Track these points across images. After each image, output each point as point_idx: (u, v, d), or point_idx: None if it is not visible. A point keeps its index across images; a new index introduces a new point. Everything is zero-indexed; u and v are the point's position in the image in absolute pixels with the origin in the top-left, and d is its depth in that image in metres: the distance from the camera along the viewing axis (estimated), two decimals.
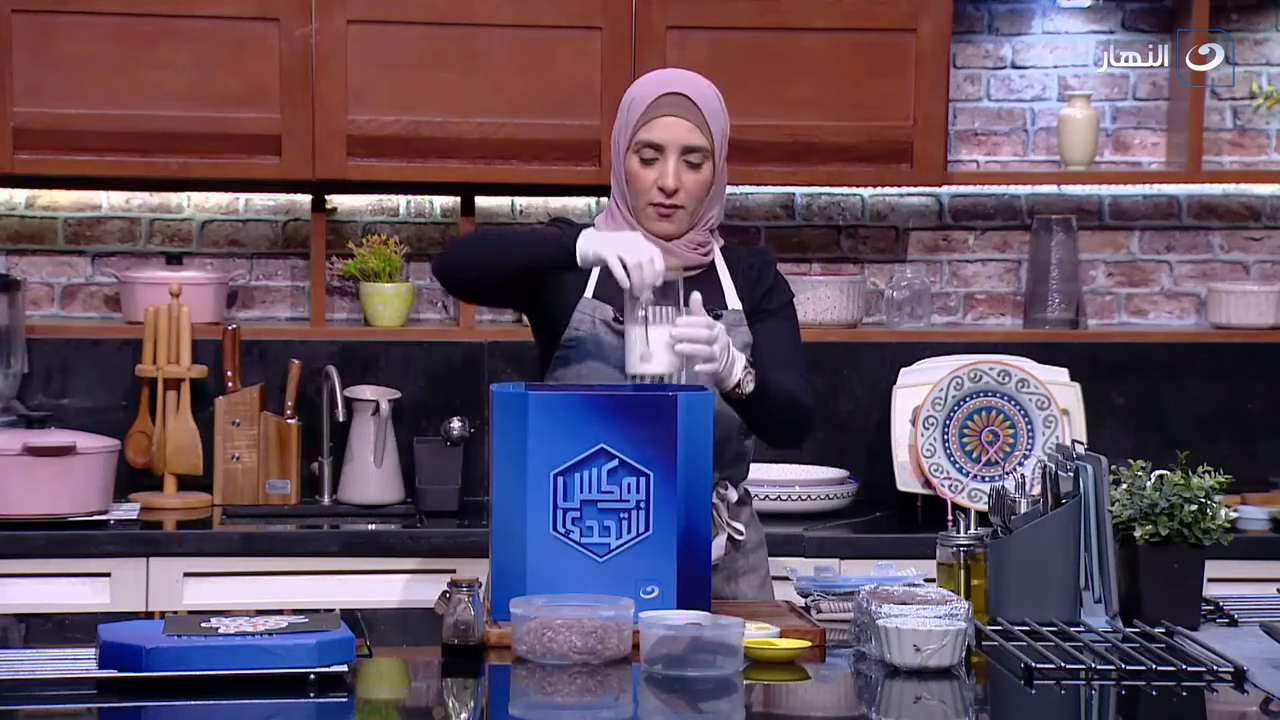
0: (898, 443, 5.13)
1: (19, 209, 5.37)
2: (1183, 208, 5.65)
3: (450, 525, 4.90)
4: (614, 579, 3.32)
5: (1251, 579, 4.54)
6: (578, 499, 3.33)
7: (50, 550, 4.67)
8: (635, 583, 3.33)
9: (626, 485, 3.33)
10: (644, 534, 3.34)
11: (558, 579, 3.31)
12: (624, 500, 3.33)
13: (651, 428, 3.33)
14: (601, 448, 3.33)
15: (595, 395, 3.37)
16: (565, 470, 3.33)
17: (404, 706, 3.19)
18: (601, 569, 3.33)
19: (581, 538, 3.33)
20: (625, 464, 3.33)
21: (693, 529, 3.35)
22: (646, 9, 5.09)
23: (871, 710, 3.10)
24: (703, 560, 3.37)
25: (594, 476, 3.33)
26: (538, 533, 3.32)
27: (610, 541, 3.34)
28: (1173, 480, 3.48)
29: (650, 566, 3.33)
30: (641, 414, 3.33)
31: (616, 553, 3.34)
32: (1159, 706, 3.06)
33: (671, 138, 3.65)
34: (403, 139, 5.07)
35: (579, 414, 3.32)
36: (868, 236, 5.60)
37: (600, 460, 3.33)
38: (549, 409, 3.32)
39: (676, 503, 3.34)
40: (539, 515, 3.32)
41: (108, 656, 3.02)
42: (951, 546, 3.49)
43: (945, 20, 5.19)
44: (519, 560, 3.32)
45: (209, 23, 5.02)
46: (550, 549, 3.32)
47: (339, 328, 5.34)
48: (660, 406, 3.33)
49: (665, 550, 3.34)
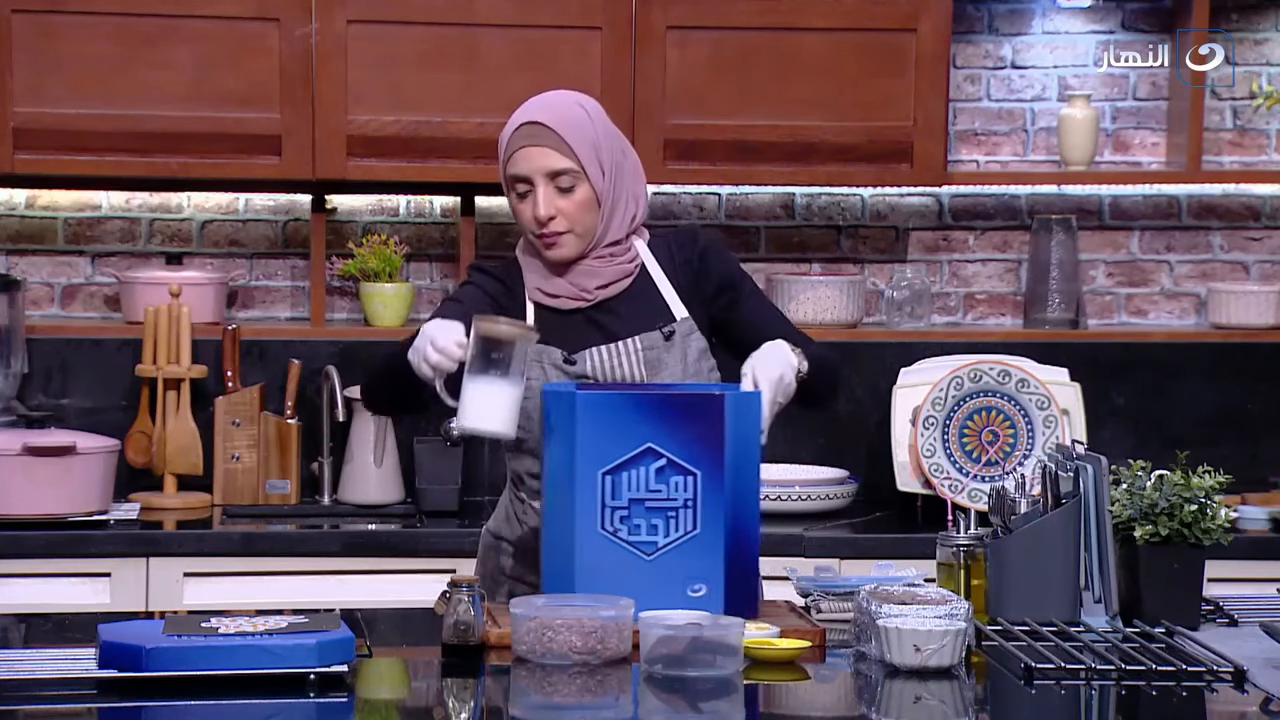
0: (898, 443, 5.13)
1: (19, 209, 5.37)
2: (1183, 208, 5.65)
3: (450, 525, 4.90)
4: (662, 577, 3.34)
5: (1251, 579, 4.54)
6: (626, 498, 3.35)
7: (50, 550, 4.67)
8: (683, 581, 3.35)
9: (674, 484, 3.35)
10: (692, 532, 3.36)
11: (606, 577, 3.32)
12: (672, 499, 3.35)
13: (699, 427, 3.34)
14: (650, 447, 3.35)
15: (644, 395, 3.39)
16: (614, 469, 3.34)
17: (404, 706, 3.19)
18: (650, 567, 3.35)
19: (630, 536, 3.35)
20: (673, 463, 3.35)
21: (740, 528, 3.37)
22: (646, 9, 5.10)
23: (871, 710, 3.10)
24: (751, 559, 3.39)
25: (642, 475, 3.35)
26: (586, 531, 3.34)
27: (658, 540, 3.35)
28: (1173, 480, 3.47)
29: (698, 565, 3.35)
30: (689, 413, 3.35)
31: (664, 551, 3.36)
32: (1159, 706, 3.06)
33: (533, 167, 3.54)
34: (403, 139, 5.07)
35: (627, 414, 3.34)
36: (868, 236, 5.60)
37: (648, 459, 3.35)
38: (598, 409, 3.34)
39: (724, 501, 3.35)
40: (587, 514, 3.34)
41: (108, 656, 3.02)
42: (951, 546, 3.49)
43: (945, 20, 5.19)
44: (568, 559, 3.34)
45: (209, 23, 5.03)
46: (599, 547, 3.34)
47: (339, 328, 5.34)
48: (708, 406, 3.35)
49: (713, 549, 3.35)
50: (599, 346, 3.58)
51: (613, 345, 3.58)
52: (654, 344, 3.58)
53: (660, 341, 3.59)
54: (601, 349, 3.58)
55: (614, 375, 3.57)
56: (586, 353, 3.57)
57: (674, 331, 3.60)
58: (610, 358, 3.58)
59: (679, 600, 3.32)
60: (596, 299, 3.60)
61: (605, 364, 3.57)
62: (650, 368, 3.57)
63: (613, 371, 3.57)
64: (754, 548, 3.39)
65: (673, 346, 3.59)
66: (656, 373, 3.57)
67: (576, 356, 3.56)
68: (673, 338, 3.59)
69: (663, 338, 3.59)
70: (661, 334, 3.59)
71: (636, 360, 3.58)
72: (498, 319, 3.36)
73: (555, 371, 3.56)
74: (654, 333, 3.59)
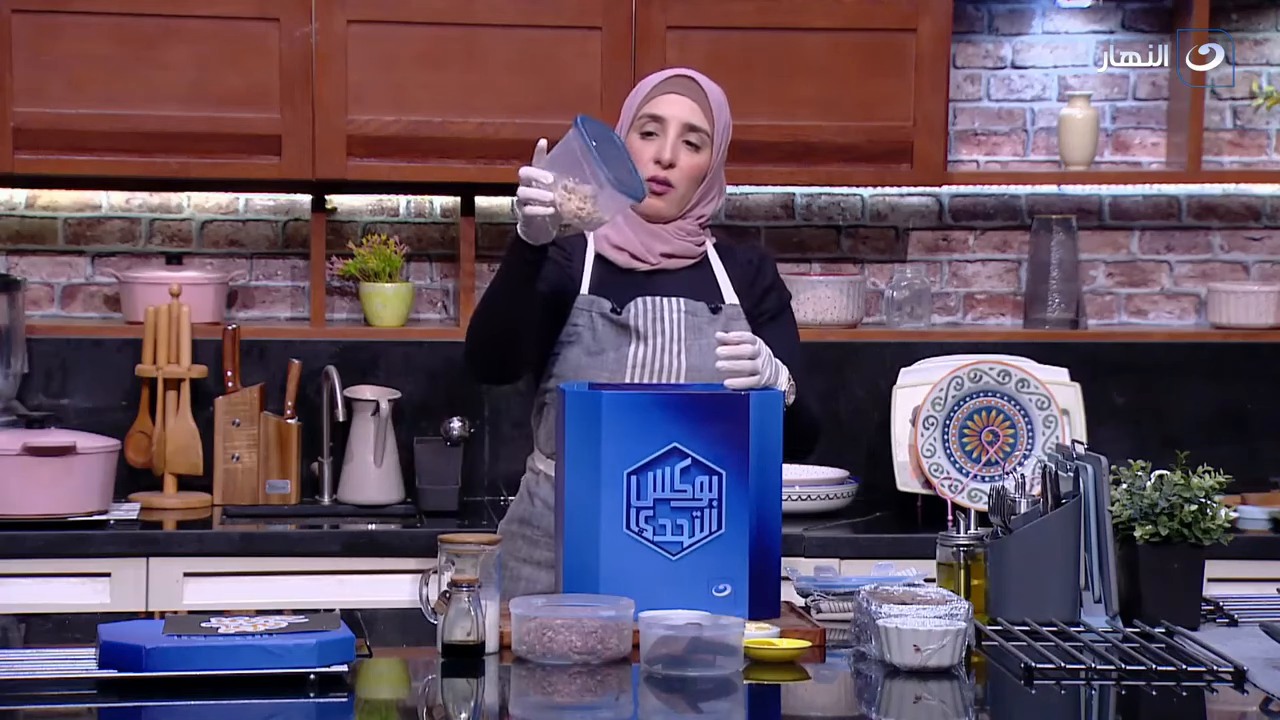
0: (898, 443, 5.13)
1: (19, 209, 5.37)
2: (1183, 208, 5.65)
3: (450, 525, 4.90)
4: (687, 577, 3.36)
5: (1251, 579, 4.54)
6: (651, 498, 3.37)
7: (50, 550, 4.67)
8: (708, 581, 3.37)
9: (699, 484, 3.37)
10: (716, 532, 3.37)
11: (630, 577, 3.34)
12: (697, 499, 3.37)
13: (723, 426, 3.36)
14: (674, 447, 3.37)
15: (668, 395, 3.41)
16: (639, 469, 3.36)
17: (404, 706, 3.19)
18: (674, 567, 3.36)
19: (655, 536, 3.37)
20: (698, 463, 3.37)
21: (764, 528, 3.39)
22: (646, 9, 5.10)
23: (871, 710, 3.10)
24: (773, 559, 3.41)
25: (667, 475, 3.36)
26: (611, 531, 3.35)
27: (683, 540, 3.37)
28: (1173, 480, 3.48)
29: (723, 565, 3.37)
30: (714, 413, 3.37)
31: (689, 551, 3.37)
32: (1159, 706, 3.06)
33: (674, 113, 3.70)
34: (403, 139, 5.07)
35: (652, 414, 3.36)
36: (868, 236, 5.60)
37: (673, 459, 3.37)
38: (622, 409, 3.36)
39: (749, 501, 3.37)
40: (612, 514, 3.36)
41: (108, 656, 3.02)
42: (951, 546, 3.49)
43: (945, 20, 5.19)
44: (592, 559, 3.35)
45: (209, 23, 5.02)
46: (623, 547, 3.35)
47: (339, 328, 5.34)
48: (732, 406, 3.38)
49: (738, 549, 3.37)
50: (647, 297, 3.68)
51: (661, 299, 3.69)
52: (699, 312, 3.70)
53: (706, 312, 3.70)
54: (648, 299, 3.69)
55: (656, 328, 3.66)
56: (633, 303, 3.68)
57: (720, 309, 3.71)
58: (655, 309, 3.68)
59: (704, 600, 3.34)
60: (658, 265, 3.72)
61: (650, 314, 3.68)
62: (691, 332, 3.67)
63: (655, 323, 3.67)
64: (776, 547, 3.42)
65: (716, 321, 3.69)
66: (696, 338, 3.67)
67: (624, 308, 3.66)
68: (719, 313, 3.70)
69: (709, 311, 3.70)
70: (709, 308, 3.70)
71: (679, 319, 3.68)
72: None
73: (601, 321, 3.67)
74: (701, 304, 3.71)
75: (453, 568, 3.24)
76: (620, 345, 3.66)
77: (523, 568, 3.77)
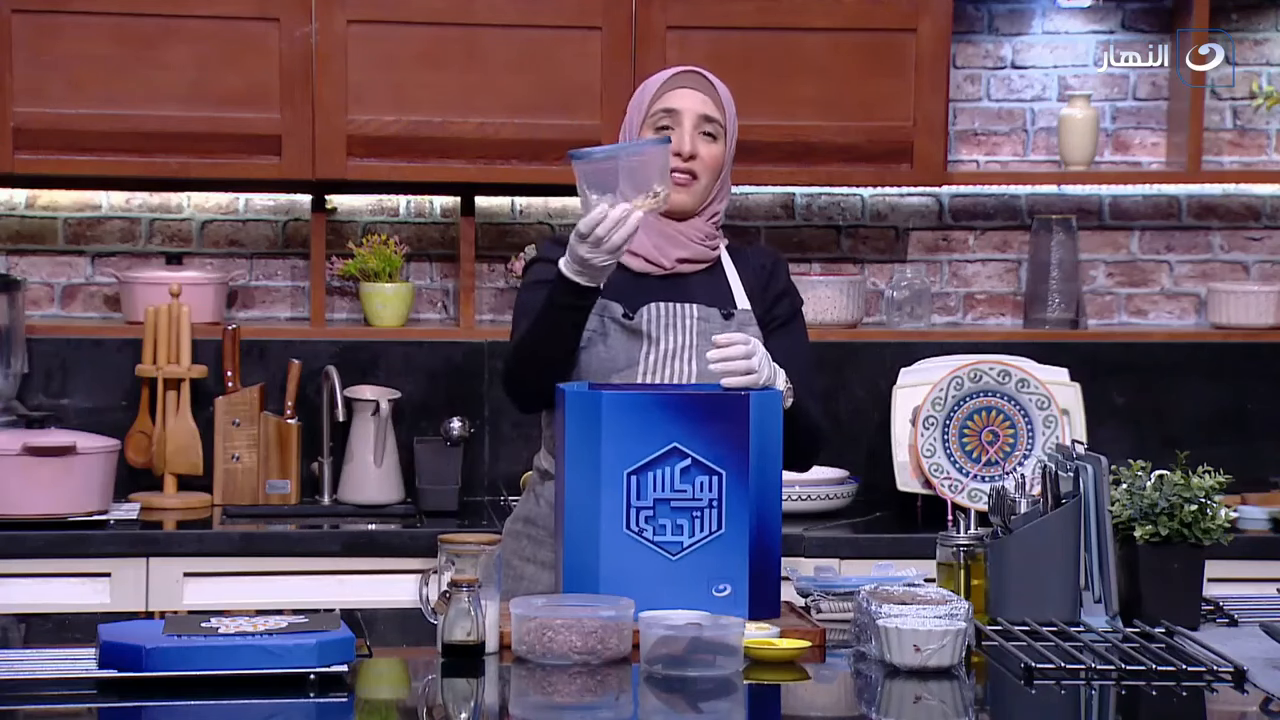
0: (898, 443, 5.13)
1: (19, 209, 5.37)
2: (1183, 208, 5.65)
3: (450, 525, 4.90)
4: (686, 577, 3.36)
5: (1251, 579, 4.54)
6: (651, 498, 3.37)
7: (50, 550, 4.67)
8: (708, 581, 3.37)
9: (699, 484, 3.37)
10: (716, 532, 3.37)
11: (630, 578, 3.34)
12: (697, 499, 3.37)
13: (723, 426, 3.37)
14: (674, 447, 3.37)
15: (668, 395, 3.41)
16: (639, 469, 3.36)
17: (404, 706, 3.19)
18: (674, 567, 3.36)
19: (655, 536, 3.37)
20: (698, 463, 3.37)
21: (764, 528, 3.39)
22: (646, 9, 5.09)
23: (871, 710, 3.10)
24: (773, 559, 3.40)
25: (667, 475, 3.37)
26: (611, 531, 3.35)
27: (683, 540, 3.37)
28: (1173, 480, 3.48)
29: (723, 565, 3.37)
30: (714, 413, 3.37)
31: (689, 551, 3.37)
32: (1159, 706, 3.06)
33: (688, 105, 3.70)
34: (403, 139, 5.07)
35: (651, 414, 3.36)
36: (868, 236, 5.60)
37: (673, 459, 3.37)
38: (622, 409, 3.36)
39: (749, 501, 3.37)
40: (612, 514, 3.36)
41: (108, 656, 3.02)
42: (951, 546, 3.49)
43: (945, 20, 5.19)
44: (592, 559, 3.35)
45: (209, 23, 5.02)
46: (623, 547, 3.35)
47: (339, 328, 5.34)
48: (732, 406, 3.37)
49: (738, 549, 3.37)
50: (659, 302, 3.67)
51: (674, 304, 3.68)
52: (712, 318, 3.69)
53: (719, 318, 3.69)
54: (661, 305, 3.68)
55: (669, 334, 3.66)
56: (646, 308, 3.67)
57: (733, 315, 3.70)
58: (668, 315, 3.67)
59: (704, 600, 3.34)
60: (673, 269, 3.71)
61: (662, 320, 3.67)
62: (704, 338, 3.65)
63: (668, 329, 3.66)
64: (776, 547, 3.41)
65: (728, 328, 3.68)
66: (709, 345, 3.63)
67: (636, 313, 3.66)
68: (731, 319, 3.69)
69: (721, 316, 3.69)
70: (721, 314, 3.70)
71: (692, 325, 3.68)
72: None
73: (614, 325, 3.66)
74: (714, 309, 3.70)
75: (453, 568, 3.24)
76: (632, 350, 3.65)
77: (526, 567, 3.76)
